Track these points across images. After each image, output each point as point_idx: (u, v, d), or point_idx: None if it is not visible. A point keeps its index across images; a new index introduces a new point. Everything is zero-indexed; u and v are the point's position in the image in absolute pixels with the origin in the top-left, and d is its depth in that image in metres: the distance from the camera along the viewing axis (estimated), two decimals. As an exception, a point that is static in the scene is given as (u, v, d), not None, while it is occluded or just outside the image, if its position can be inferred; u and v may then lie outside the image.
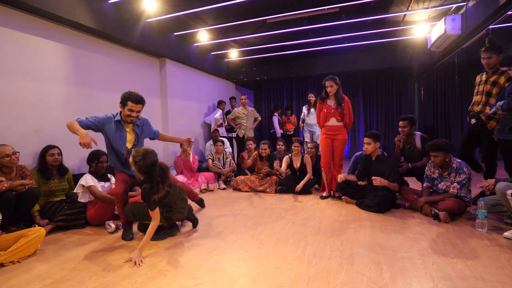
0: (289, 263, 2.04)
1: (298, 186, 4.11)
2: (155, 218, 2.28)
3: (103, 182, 3.10)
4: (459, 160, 3.02)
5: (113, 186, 3.21)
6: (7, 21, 3.13)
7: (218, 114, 6.45)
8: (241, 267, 1.99)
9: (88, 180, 2.93)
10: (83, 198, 2.94)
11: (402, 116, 3.73)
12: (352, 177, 3.59)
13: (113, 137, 2.54)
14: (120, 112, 2.57)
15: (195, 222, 2.85)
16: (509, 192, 2.36)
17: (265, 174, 4.53)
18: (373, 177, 3.10)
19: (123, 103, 2.49)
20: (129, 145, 2.62)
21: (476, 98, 3.31)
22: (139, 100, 2.49)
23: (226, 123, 6.52)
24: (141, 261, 2.10)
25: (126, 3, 4.25)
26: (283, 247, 2.31)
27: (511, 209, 2.42)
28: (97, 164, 3.07)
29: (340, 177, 3.56)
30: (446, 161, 2.98)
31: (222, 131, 6.41)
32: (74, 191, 2.97)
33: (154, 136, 2.89)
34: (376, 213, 3.13)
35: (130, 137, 2.62)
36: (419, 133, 3.68)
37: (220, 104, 6.77)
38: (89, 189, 2.92)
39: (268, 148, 4.54)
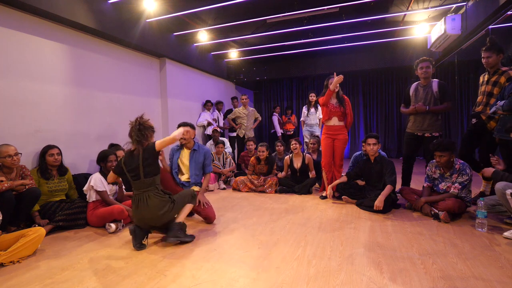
0: (289, 263, 2.04)
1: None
2: None
3: (111, 185, 3.08)
4: (462, 161, 3.01)
5: (121, 189, 3.28)
6: (7, 21, 3.13)
7: (205, 117, 6.47)
8: (241, 267, 1.99)
9: (98, 183, 2.91)
10: (92, 198, 2.94)
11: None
12: (340, 180, 3.61)
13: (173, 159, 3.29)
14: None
15: None
16: (508, 192, 2.36)
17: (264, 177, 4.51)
18: (375, 207, 3.10)
19: None
20: (182, 167, 3.23)
21: (478, 98, 3.31)
22: (186, 124, 3.10)
23: (217, 125, 6.51)
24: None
25: (126, 3, 4.25)
26: (283, 247, 2.31)
27: (511, 209, 2.42)
28: (106, 163, 3.07)
29: (330, 193, 3.60)
30: (450, 161, 2.99)
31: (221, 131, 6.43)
32: (84, 189, 2.96)
33: (205, 172, 3.25)
34: (376, 213, 3.13)
35: (184, 160, 3.24)
36: (436, 80, 3.54)
37: (218, 104, 6.79)
38: (100, 194, 2.92)
39: (266, 150, 4.48)
